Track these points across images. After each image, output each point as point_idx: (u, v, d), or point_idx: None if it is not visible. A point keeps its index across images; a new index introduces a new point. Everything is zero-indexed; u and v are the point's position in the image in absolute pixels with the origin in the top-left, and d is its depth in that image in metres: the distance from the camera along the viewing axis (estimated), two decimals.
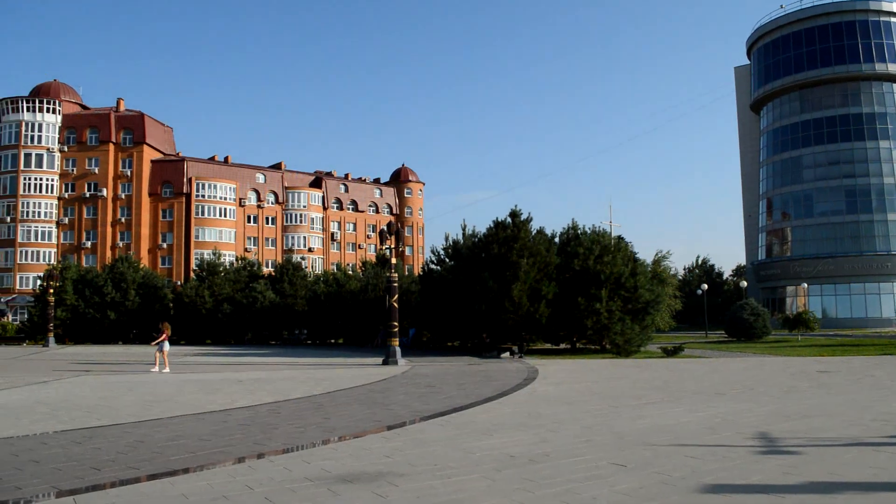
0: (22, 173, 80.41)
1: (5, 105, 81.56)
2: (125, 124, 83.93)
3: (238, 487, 6.78)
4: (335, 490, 6.62)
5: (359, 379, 19.13)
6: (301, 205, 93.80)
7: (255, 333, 49.49)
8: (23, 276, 78.64)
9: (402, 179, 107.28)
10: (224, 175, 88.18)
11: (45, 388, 17.74)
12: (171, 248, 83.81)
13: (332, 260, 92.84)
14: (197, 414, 12.33)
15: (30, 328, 54.68)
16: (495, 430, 10.21)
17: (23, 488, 6.94)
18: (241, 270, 53.45)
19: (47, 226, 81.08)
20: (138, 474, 7.52)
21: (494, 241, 31.11)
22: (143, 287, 52.27)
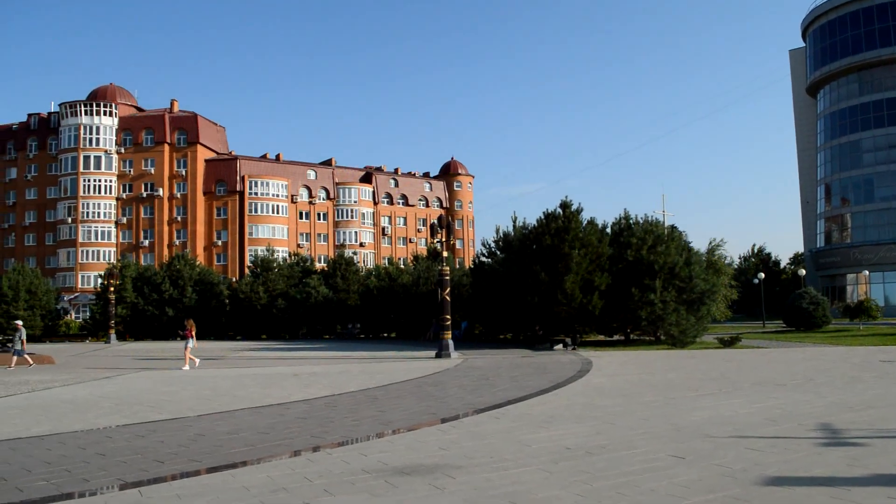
0: (81, 175, 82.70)
1: (65, 109, 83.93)
2: (179, 125, 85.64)
3: (297, 479, 6.89)
4: (393, 482, 6.68)
5: (412, 372, 19.24)
6: (352, 200, 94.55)
7: (309, 328, 50.13)
8: (84, 275, 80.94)
9: (452, 173, 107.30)
10: (276, 172, 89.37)
11: (109, 383, 18.26)
12: (226, 246, 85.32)
13: (384, 254, 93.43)
14: (255, 408, 12.55)
15: (92, 325, 56.33)
16: (551, 422, 10.18)
17: (90, 480, 7.16)
18: (295, 266, 54.18)
19: (106, 226, 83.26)
20: (200, 467, 7.69)
21: (545, 232, 30.92)
22: (199, 284, 53.38)
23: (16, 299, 53.43)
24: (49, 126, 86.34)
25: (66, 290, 78.05)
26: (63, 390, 16.49)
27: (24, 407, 13.40)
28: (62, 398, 14.84)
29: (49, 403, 13.93)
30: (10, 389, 16.68)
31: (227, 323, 53.18)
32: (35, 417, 11.94)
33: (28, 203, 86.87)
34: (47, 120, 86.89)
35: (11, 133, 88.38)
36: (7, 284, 54.24)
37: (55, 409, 13.09)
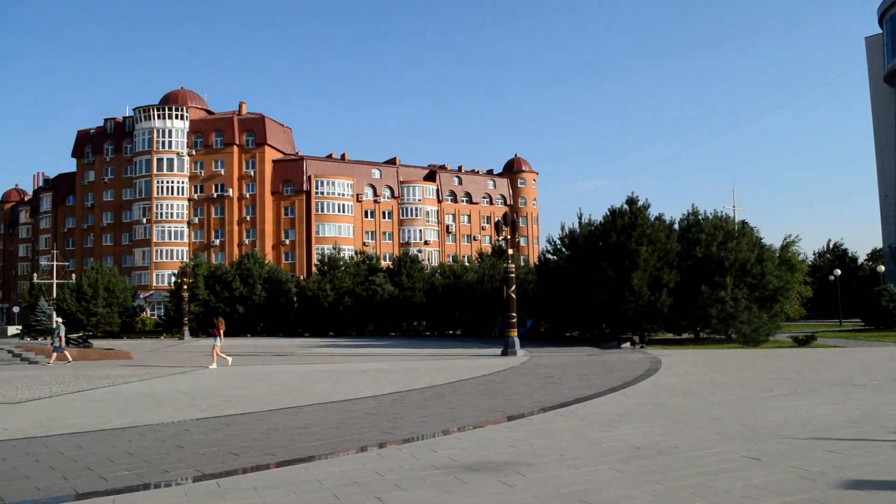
0: (155, 177, 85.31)
1: (138, 114, 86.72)
2: (247, 127, 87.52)
3: (369, 474, 6.98)
4: (462, 478, 6.71)
5: (479, 369, 19.27)
6: (416, 198, 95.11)
7: (375, 325, 50.69)
8: (158, 274, 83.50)
9: (516, 170, 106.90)
10: (341, 172, 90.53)
11: (184, 378, 18.82)
12: (294, 244, 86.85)
13: (448, 252, 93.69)
14: (325, 403, 12.76)
15: (166, 322, 58.14)
16: (620, 420, 10.07)
17: (170, 472, 7.40)
18: (361, 264, 54.83)
19: (179, 226, 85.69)
20: (274, 460, 7.87)
21: (612, 229, 30.58)
22: (268, 282, 54.53)
23: (95, 297, 55.55)
24: (124, 130, 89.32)
25: (142, 288, 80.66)
26: (141, 385, 17.06)
27: (106, 400, 13.92)
28: (141, 392, 15.36)
29: (129, 397, 14.43)
30: (92, 383, 17.34)
31: (295, 320, 54.20)
32: (116, 410, 12.39)
33: (105, 204, 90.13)
34: (122, 124, 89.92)
35: (89, 137, 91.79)
36: (87, 283, 56.45)
37: (135, 402, 13.55)
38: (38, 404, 13.45)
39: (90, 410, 12.46)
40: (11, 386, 17.08)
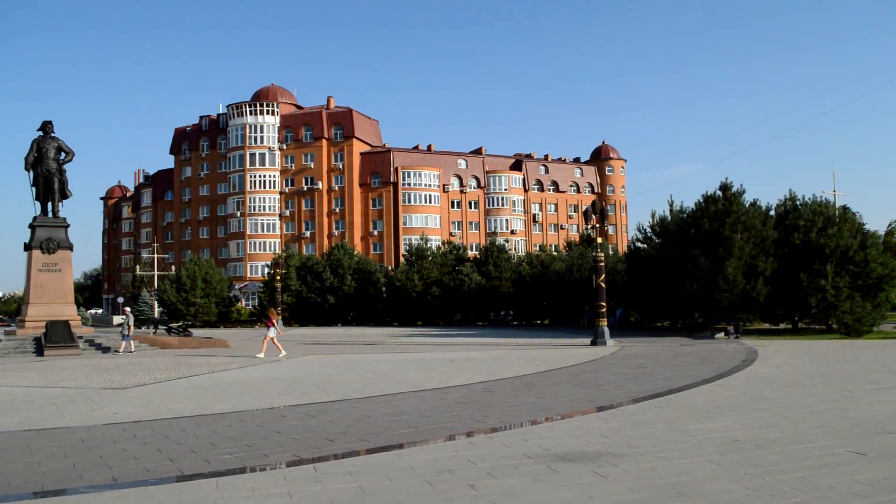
0: (248, 171, 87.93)
1: (232, 110, 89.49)
2: (336, 120, 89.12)
3: (461, 462, 7.04)
4: (555, 468, 6.69)
5: (568, 359, 19.13)
6: (502, 188, 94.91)
7: (462, 315, 50.90)
8: (252, 265, 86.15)
9: (603, 157, 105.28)
10: (427, 163, 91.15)
11: (279, 366, 19.37)
12: (382, 235, 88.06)
13: (535, 241, 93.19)
14: (416, 391, 12.92)
15: (260, 312, 59.89)
16: (716, 412, 9.83)
17: (269, 456, 7.65)
18: (448, 254, 55.13)
19: (271, 218, 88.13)
20: (368, 446, 8.03)
21: (704, 216, 29.76)
22: (357, 272, 55.48)
23: (193, 288, 57.75)
24: (218, 127, 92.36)
25: (237, 279, 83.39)
26: (239, 372, 17.66)
27: (206, 386, 14.48)
28: (239, 379, 15.90)
29: (228, 383, 14.97)
30: (193, 370, 18.06)
31: (384, 310, 55.00)
32: (216, 396, 12.88)
33: (201, 199, 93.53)
34: (216, 121, 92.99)
35: (186, 135, 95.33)
36: (185, 274, 58.72)
37: (233, 388, 14.05)
38: (143, 390, 14.11)
39: (192, 396, 12.98)
40: (119, 372, 17.96)
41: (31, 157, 29.04)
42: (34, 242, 28.53)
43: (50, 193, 29.33)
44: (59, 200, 29.60)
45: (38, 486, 6.59)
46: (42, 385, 15.31)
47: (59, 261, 28.87)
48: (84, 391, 14.03)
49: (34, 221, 29.00)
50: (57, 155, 29.42)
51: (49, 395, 13.40)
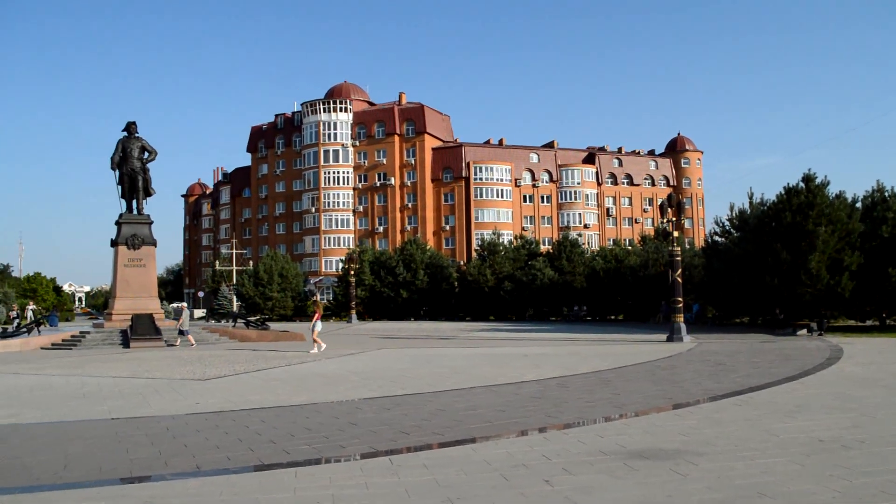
0: (322, 168, 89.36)
1: (306, 108, 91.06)
2: (407, 116, 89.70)
3: (536, 457, 7.01)
4: (632, 465, 6.60)
5: (643, 355, 18.84)
6: (575, 182, 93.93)
7: (535, 310, 50.65)
8: (327, 260, 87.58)
9: (679, 149, 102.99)
10: (499, 157, 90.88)
11: (354, 359, 19.66)
12: (454, 230, 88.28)
13: (608, 236, 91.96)
14: (489, 386, 12.93)
15: (335, 306, 60.88)
16: (799, 411, 9.52)
17: (345, 447, 7.77)
18: (520, 249, 54.92)
19: (345, 214, 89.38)
20: (443, 440, 8.07)
21: (786, 208, 28.85)
22: (430, 267, 55.78)
23: (270, 282, 59.06)
24: (293, 124, 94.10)
25: (312, 274, 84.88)
26: (315, 365, 17.99)
27: (284, 379, 14.81)
28: (315, 372, 16.21)
29: (304, 376, 15.28)
30: (270, 363, 18.49)
31: (456, 304, 55.16)
32: (294, 388, 13.15)
33: (277, 195, 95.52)
34: (291, 119, 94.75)
35: (262, 133, 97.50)
36: (263, 269, 60.11)
37: (310, 381, 14.33)
38: (223, 381, 14.52)
39: (270, 388, 13.29)
40: (201, 364, 18.52)
41: (117, 157, 30.18)
42: (120, 238, 29.64)
43: (134, 191, 30.41)
44: (143, 198, 30.67)
45: (127, 472, 6.86)
46: (128, 376, 15.91)
47: (144, 256, 29.92)
48: (168, 382, 14.54)
49: (120, 218, 30.12)
50: (141, 154, 30.50)
51: (135, 386, 13.93)
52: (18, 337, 28.64)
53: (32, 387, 14.20)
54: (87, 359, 21.27)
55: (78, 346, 26.48)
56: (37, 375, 16.49)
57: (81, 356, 22.54)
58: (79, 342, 26.93)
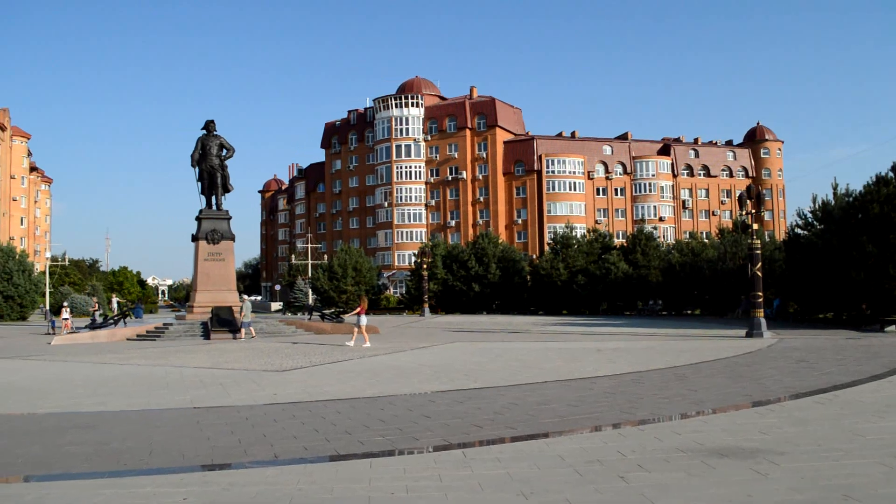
0: (395, 163, 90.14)
1: (378, 104, 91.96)
2: (479, 110, 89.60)
3: (610, 453, 6.92)
4: (710, 463, 6.45)
5: (721, 351, 18.38)
6: (649, 174, 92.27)
7: (609, 304, 49.98)
8: (399, 254, 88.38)
9: (758, 139, 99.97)
10: (572, 150, 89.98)
11: (426, 352, 19.79)
12: (526, 224, 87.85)
13: (684, 228, 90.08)
14: (562, 381, 12.83)
15: (408, 299, 61.44)
16: (888, 411, 9.13)
17: (419, 439, 7.83)
18: (594, 242, 54.28)
19: (417, 208, 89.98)
20: (515, 434, 8.04)
21: (874, 199, 27.65)
22: (502, 261, 55.67)
23: (344, 276, 59.98)
24: (366, 120, 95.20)
25: (385, 268, 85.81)
26: (388, 357, 18.18)
27: (358, 371, 15.01)
28: (388, 364, 16.38)
29: (378, 368, 15.45)
30: (345, 355, 18.78)
31: (529, 298, 54.92)
32: (367, 380, 13.32)
33: (351, 190, 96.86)
34: (364, 115, 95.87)
35: (335, 129, 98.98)
36: (337, 263, 61.08)
37: (383, 373, 14.48)
38: (300, 373, 14.81)
39: (345, 380, 13.49)
40: (278, 355, 18.95)
41: (197, 155, 31.07)
42: (200, 233, 30.53)
43: (213, 188, 31.26)
44: (222, 194, 31.50)
45: (208, 460, 7.07)
46: (209, 366, 16.40)
47: (223, 250, 30.75)
48: (246, 373, 14.91)
49: (200, 214, 31.03)
50: (219, 152, 31.32)
51: (215, 376, 14.34)
52: (106, 328, 29.84)
53: (119, 376, 14.78)
54: (170, 349, 22.01)
55: (161, 337, 27.43)
56: (123, 365, 17.16)
57: (164, 347, 23.34)
58: (162, 333, 27.90)
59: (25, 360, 19.56)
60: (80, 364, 17.79)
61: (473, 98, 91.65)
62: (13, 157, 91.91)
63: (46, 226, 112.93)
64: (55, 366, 17.50)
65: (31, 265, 55.16)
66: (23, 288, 49.90)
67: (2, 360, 19.68)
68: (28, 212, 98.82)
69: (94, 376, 14.86)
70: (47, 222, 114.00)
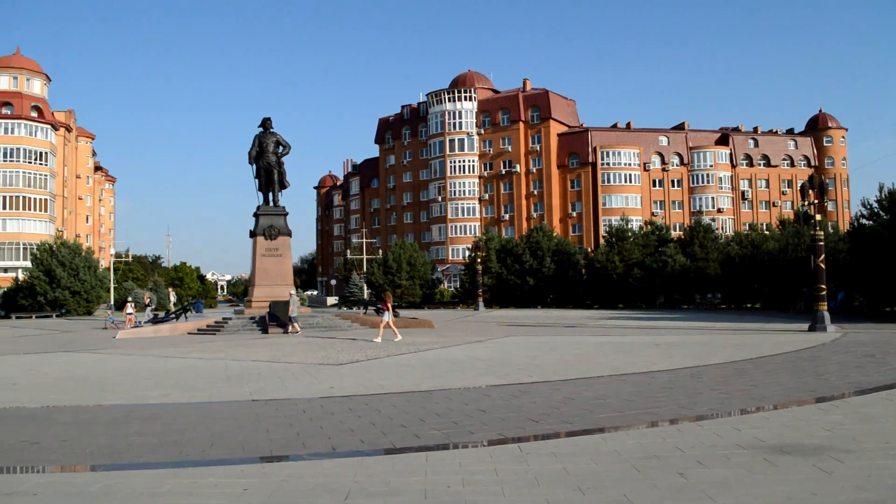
0: (448, 157, 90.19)
1: (431, 98, 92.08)
2: (532, 102, 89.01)
3: (668, 449, 6.83)
4: (772, 460, 6.31)
5: (783, 346, 17.96)
6: (707, 164, 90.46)
7: (666, 298, 49.27)
8: (453, 248, 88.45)
9: (821, 127, 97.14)
10: (627, 141, 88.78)
11: (481, 346, 19.79)
12: (580, 216, 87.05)
13: (744, 220, 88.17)
14: (618, 375, 12.69)
15: (462, 294, 61.47)
16: None
17: (474, 433, 7.84)
18: (650, 235, 53.57)
19: (471, 202, 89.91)
20: (571, 428, 7.99)
21: None
22: (556, 254, 55.29)
23: (399, 270, 60.31)
24: (419, 115, 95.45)
25: (439, 262, 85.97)
26: (442, 351, 18.24)
27: (413, 365, 15.10)
28: (443, 358, 16.43)
29: (433, 362, 15.52)
30: (400, 349, 18.90)
31: (584, 292, 54.44)
32: (422, 374, 13.39)
33: (405, 185, 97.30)
34: (417, 110, 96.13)
35: (389, 124, 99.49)
36: (392, 258, 61.46)
37: (438, 367, 14.54)
38: (356, 366, 14.97)
39: (400, 373, 13.59)
40: (334, 349, 19.18)
41: (254, 152, 31.59)
42: (258, 230, 31.04)
43: (270, 184, 31.75)
44: (279, 191, 31.97)
45: (267, 451, 7.21)
46: (267, 360, 16.68)
47: (280, 246, 31.22)
48: (303, 366, 15.14)
49: (257, 210, 31.54)
50: (276, 149, 31.77)
51: (273, 369, 14.59)
52: (168, 323, 30.62)
53: (181, 369, 15.15)
54: (230, 343, 22.47)
55: (221, 331, 28.01)
56: (184, 359, 17.58)
57: (224, 341, 23.84)
58: (221, 328, 28.49)
59: (93, 353, 20.20)
60: (144, 357, 18.29)
61: (526, 90, 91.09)
62: (79, 157, 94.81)
63: (111, 223, 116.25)
64: (121, 359, 18.03)
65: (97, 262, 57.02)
66: (89, 283, 51.62)
67: (72, 353, 20.39)
68: (93, 210, 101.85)
69: (157, 369, 15.26)
70: (111, 220, 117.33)
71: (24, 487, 6.00)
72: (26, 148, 76.01)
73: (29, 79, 77.96)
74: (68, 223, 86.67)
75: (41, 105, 78.10)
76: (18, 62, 78.41)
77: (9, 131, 75.45)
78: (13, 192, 75.13)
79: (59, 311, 49.98)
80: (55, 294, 49.92)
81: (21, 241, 73.94)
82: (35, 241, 66.90)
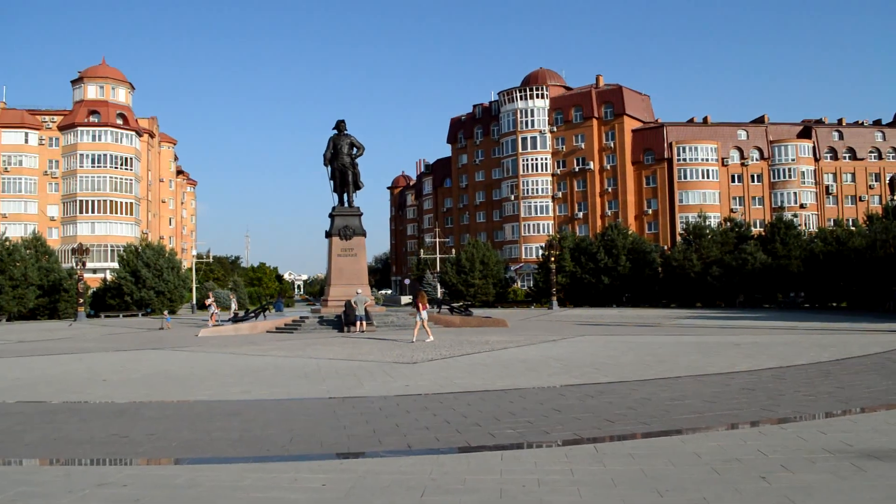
0: (520, 155, 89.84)
1: (503, 97, 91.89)
2: (605, 99, 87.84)
3: (750, 451, 6.66)
4: (860, 465, 6.08)
5: (871, 346, 17.27)
6: (788, 158, 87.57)
7: (746, 296, 47.99)
8: (526, 247, 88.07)
9: None
10: (704, 136, 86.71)
11: (555, 345, 19.66)
12: (656, 214, 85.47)
13: (828, 215, 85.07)
14: (697, 376, 12.43)
15: (535, 292, 61.19)
16: None
17: (549, 433, 7.81)
18: (728, 232, 52.28)
19: (544, 200, 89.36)
20: (648, 429, 7.87)
21: None
22: (632, 252, 54.47)
23: (472, 270, 60.41)
24: (490, 114, 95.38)
25: (512, 261, 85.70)
26: (517, 350, 18.20)
27: (487, 364, 15.12)
28: (517, 357, 16.39)
29: (507, 362, 15.49)
30: (475, 348, 18.93)
31: (660, 291, 53.50)
32: (497, 373, 13.39)
33: (477, 184, 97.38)
34: (488, 108, 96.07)
35: (461, 124, 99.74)
36: (465, 257, 61.61)
37: (512, 366, 14.51)
38: (431, 365, 15.07)
39: (475, 372, 13.62)
40: (409, 348, 19.34)
41: (328, 154, 32.12)
42: (333, 230, 31.56)
43: (345, 185, 32.24)
44: (353, 191, 32.43)
45: (344, 448, 7.34)
46: (343, 358, 16.95)
47: (355, 246, 31.67)
48: (379, 364, 15.32)
49: (332, 211, 32.07)
50: (350, 150, 32.24)
51: (350, 367, 14.82)
52: (248, 321, 31.44)
53: (261, 366, 15.54)
54: (307, 341, 22.92)
55: (298, 329, 28.61)
56: (264, 356, 18.03)
57: (301, 339, 24.33)
58: (299, 326, 29.09)
59: (178, 350, 20.92)
60: (225, 355, 18.83)
61: (599, 87, 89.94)
62: (161, 161, 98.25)
63: (192, 225, 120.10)
64: (203, 356, 18.61)
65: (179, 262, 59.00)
66: (172, 284, 53.48)
67: (158, 350, 21.17)
68: (175, 212, 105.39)
69: (239, 366, 15.69)
70: (193, 222, 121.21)
71: (114, 479, 6.27)
72: (112, 154, 79.34)
73: (114, 88, 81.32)
74: (152, 225, 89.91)
75: (126, 112, 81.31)
76: (104, 72, 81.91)
77: (96, 138, 78.93)
78: (101, 196, 78.55)
79: (144, 310, 51.92)
80: (141, 294, 51.87)
81: (109, 243, 77.21)
82: (121, 243, 69.75)
